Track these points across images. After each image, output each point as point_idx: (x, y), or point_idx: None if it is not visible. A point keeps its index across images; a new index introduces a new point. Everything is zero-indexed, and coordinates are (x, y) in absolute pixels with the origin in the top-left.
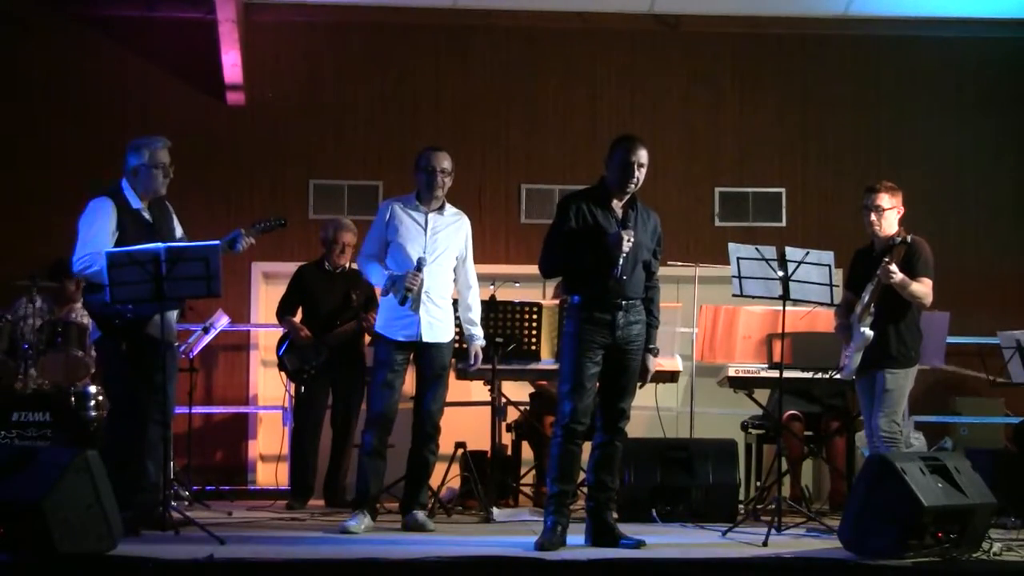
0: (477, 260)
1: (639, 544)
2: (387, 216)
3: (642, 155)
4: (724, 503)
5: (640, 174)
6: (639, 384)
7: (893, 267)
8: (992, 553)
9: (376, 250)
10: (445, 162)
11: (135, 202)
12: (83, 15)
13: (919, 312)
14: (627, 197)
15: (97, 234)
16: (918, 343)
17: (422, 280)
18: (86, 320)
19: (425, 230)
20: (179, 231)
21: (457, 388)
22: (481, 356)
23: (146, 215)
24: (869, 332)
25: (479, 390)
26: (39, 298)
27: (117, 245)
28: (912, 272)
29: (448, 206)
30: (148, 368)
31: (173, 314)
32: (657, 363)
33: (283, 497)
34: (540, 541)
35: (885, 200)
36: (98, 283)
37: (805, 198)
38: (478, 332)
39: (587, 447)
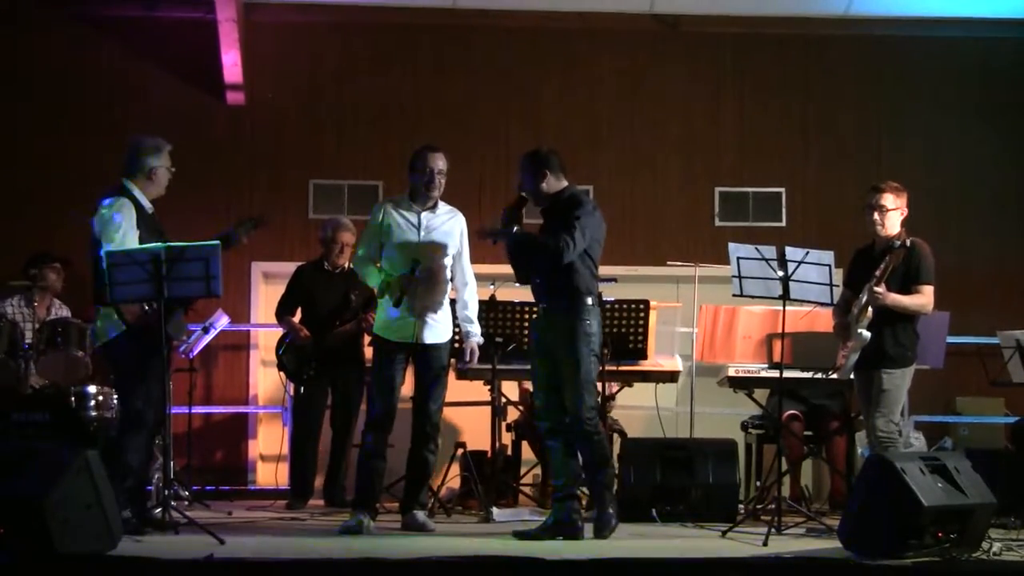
0: (477, 260)
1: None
2: (380, 217)
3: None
4: (724, 503)
5: None
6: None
7: (880, 289)
8: (992, 553)
9: (371, 252)
10: (441, 162)
11: (145, 202)
12: (83, 15)
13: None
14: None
15: (128, 233)
16: (915, 343)
17: (417, 281)
18: (63, 313)
19: (419, 230)
20: None
21: (457, 388)
22: (477, 353)
23: (151, 214)
24: (866, 333)
25: (479, 390)
26: (15, 299)
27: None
28: (914, 277)
29: (441, 204)
30: (156, 367)
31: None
32: (657, 363)
33: (283, 497)
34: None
35: (889, 200)
36: None
37: (805, 198)
38: (475, 329)
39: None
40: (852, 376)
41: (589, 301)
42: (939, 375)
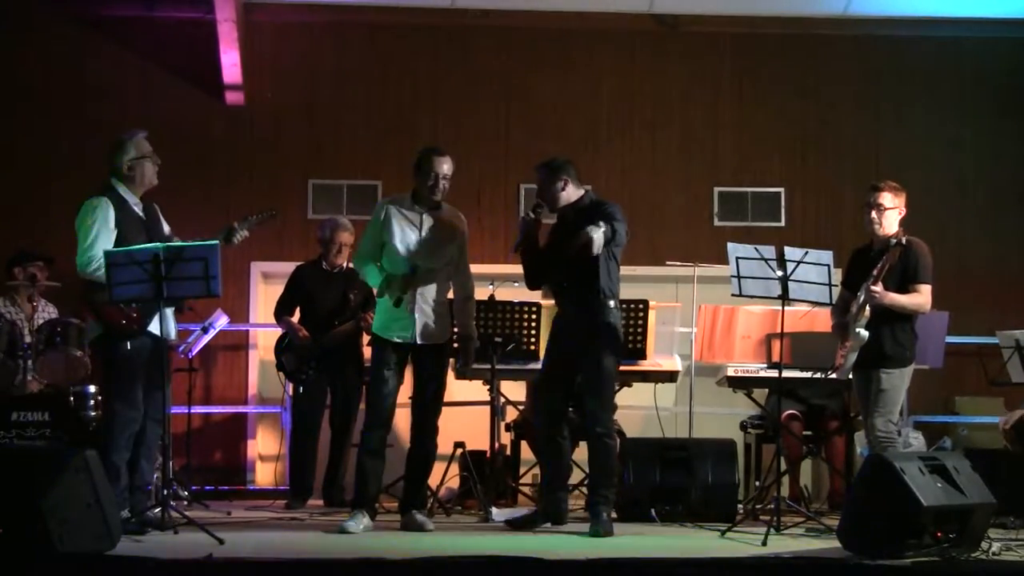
0: (476, 260)
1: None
2: (382, 217)
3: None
4: (723, 503)
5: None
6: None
7: (877, 288)
8: (991, 553)
9: (371, 251)
10: (447, 167)
11: (130, 198)
12: (83, 15)
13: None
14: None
15: (101, 232)
16: (913, 343)
17: (417, 281)
18: (50, 311)
19: (420, 231)
20: (167, 228)
21: (456, 388)
22: (473, 356)
23: (139, 212)
24: (864, 332)
25: (478, 390)
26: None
27: (116, 243)
28: (911, 277)
29: (444, 205)
30: (148, 367)
31: (170, 311)
32: (656, 363)
33: (282, 497)
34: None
35: (887, 199)
36: (102, 282)
37: (804, 198)
38: (471, 332)
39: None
40: (851, 376)
41: (612, 304)
42: (938, 375)
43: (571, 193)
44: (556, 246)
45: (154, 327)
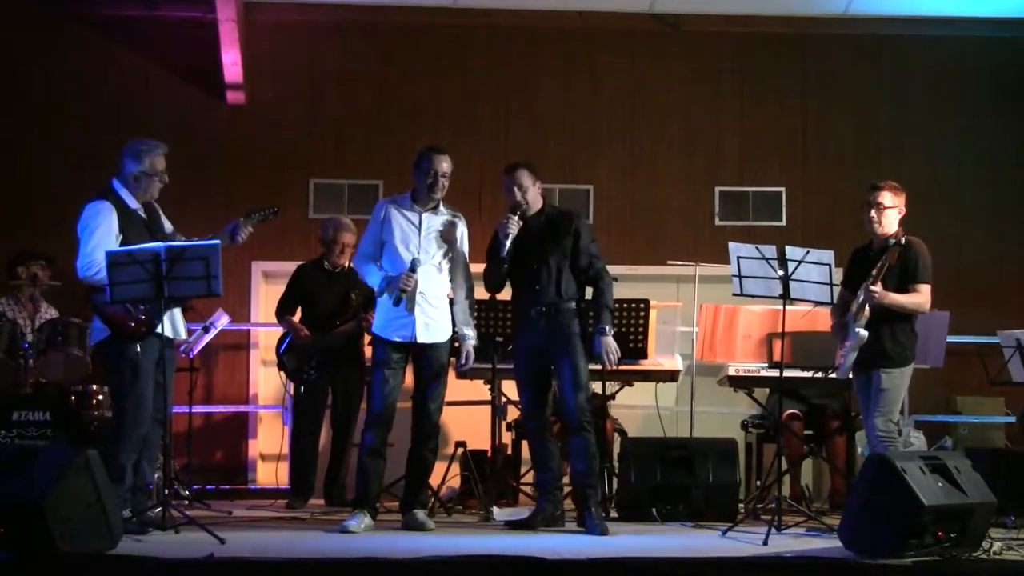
0: (477, 259)
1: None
2: (381, 216)
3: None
4: (724, 502)
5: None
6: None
7: (876, 288)
8: (992, 552)
9: (371, 251)
10: (446, 165)
11: (131, 202)
12: (83, 15)
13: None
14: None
15: (103, 237)
16: (913, 342)
17: (417, 281)
18: (51, 313)
19: (419, 230)
20: (168, 226)
21: (457, 387)
22: (473, 356)
23: (140, 213)
24: (864, 332)
25: (479, 389)
26: (5, 299)
27: (121, 246)
28: (911, 276)
29: (443, 206)
30: (153, 368)
31: (178, 311)
32: (657, 362)
33: (283, 496)
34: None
35: (887, 198)
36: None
37: (805, 197)
38: (471, 332)
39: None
40: (851, 375)
41: (572, 305)
42: (939, 374)
43: (538, 198)
44: (525, 250)
45: (161, 328)
